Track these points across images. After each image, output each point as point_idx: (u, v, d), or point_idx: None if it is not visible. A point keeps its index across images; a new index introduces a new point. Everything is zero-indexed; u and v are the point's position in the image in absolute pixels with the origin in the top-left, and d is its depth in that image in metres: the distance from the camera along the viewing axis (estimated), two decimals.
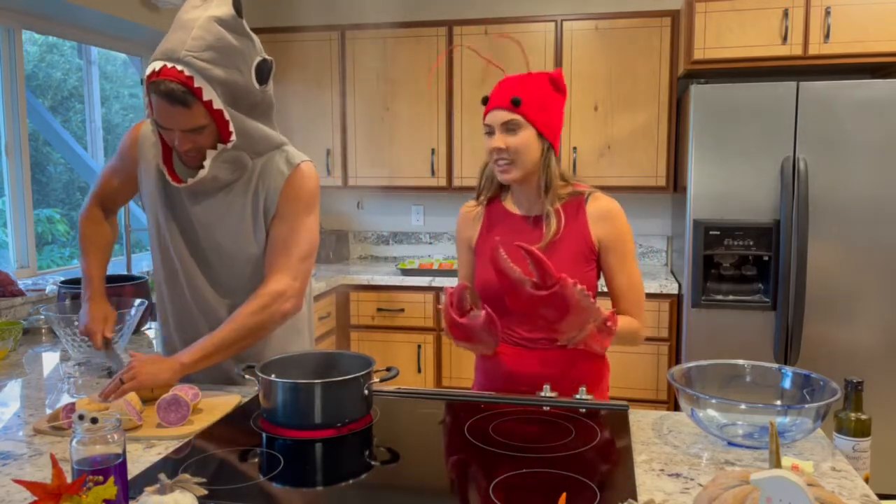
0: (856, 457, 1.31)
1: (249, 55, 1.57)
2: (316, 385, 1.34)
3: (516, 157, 1.60)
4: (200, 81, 1.47)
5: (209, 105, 1.50)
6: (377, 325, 3.65)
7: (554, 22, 3.59)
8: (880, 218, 2.92)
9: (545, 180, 1.63)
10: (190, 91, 1.47)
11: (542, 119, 1.60)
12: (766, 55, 3.13)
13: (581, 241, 1.64)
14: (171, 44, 1.48)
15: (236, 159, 1.62)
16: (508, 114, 1.59)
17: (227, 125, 1.54)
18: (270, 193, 1.67)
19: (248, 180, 1.68)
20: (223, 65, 1.50)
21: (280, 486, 1.14)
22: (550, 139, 1.62)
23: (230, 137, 1.56)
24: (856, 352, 2.98)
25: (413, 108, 3.79)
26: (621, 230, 1.66)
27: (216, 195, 1.67)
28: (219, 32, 1.50)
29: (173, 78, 1.45)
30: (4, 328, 2.08)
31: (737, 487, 0.88)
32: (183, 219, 1.71)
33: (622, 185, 3.57)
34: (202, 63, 1.47)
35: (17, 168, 2.93)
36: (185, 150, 1.56)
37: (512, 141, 1.59)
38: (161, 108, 1.49)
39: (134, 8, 3.18)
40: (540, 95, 1.61)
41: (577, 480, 1.14)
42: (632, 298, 1.66)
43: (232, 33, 1.53)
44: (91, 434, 0.97)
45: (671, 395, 3.31)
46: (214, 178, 1.62)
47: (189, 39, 1.47)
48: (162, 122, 1.53)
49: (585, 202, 1.66)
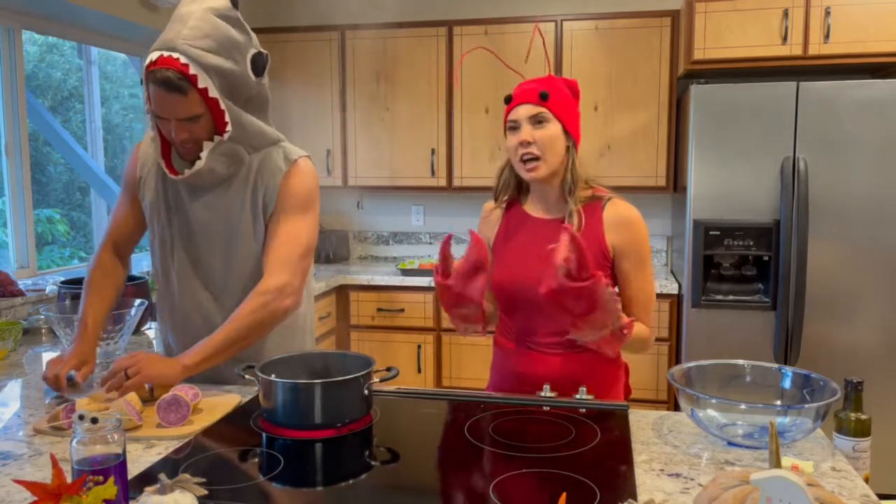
0: (856, 457, 1.31)
1: (245, 47, 1.59)
2: (316, 385, 1.34)
3: (543, 152, 1.57)
4: (196, 69, 1.49)
5: (205, 93, 1.51)
6: (377, 325, 3.65)
7: (554, 22, 3.59)
8: (880, 218, 2.92)
9: (571, 179, 1.61)
10: (186, 78, 1.49)
11: (568, 115, 1.60)
12: (766, 55, 3.13)
13: (595, 246, 1.60)
14: (168, 35, 1.51)
15: (233, 153, 1.63)
16: (536, 107, 1.58)
17: (222, 115, 1.56)
18: (269, 190, 1.67)
19: (245, 176, 1.68)
20: (219, 54, 1.53)
21: (280, 486, 1.14)
22: (574, 136, 1.62)
23: (226, 128, 1.57)
24: (856, 352, 2.98)
25: (413, 108, 3.79)
26: (639, 238, 1.63)
27: (214, 191, 1.68)
28: (215, 23, 1.53)
29: (170, 66, 1.48)
30: (4, 328, 2.08)
31: (737, 487, 0.88)
32: (181, 221, 1.71)
33: (622, 185, 3.57)
34: (198, 51, 1.50)
35: (17, 168, 2.93)
36: (182, 140, 1.56)
37: (539, 134, 1.57)
38: (158, 97, 1.51)
39: (133, 8, 3.18)
40: (563, 95, 1.61)
41: (577, 480, 1.14)
42: (643, 306, 1.64)
43: (228, 24, 1.55)
44: (91, 434, 0.97)
45: (671, 395, 3.31)
46: (211, 171, 1.62)
47: (185, 29, 1.50)
48: (159, 111, 1.54)
49: (603, 208, 1.64)
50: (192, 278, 1.73)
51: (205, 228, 1.69)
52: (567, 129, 1.60)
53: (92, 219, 3.65)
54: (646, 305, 1.65)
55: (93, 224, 3.65)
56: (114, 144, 3.95)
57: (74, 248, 3.91)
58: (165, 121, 1.55)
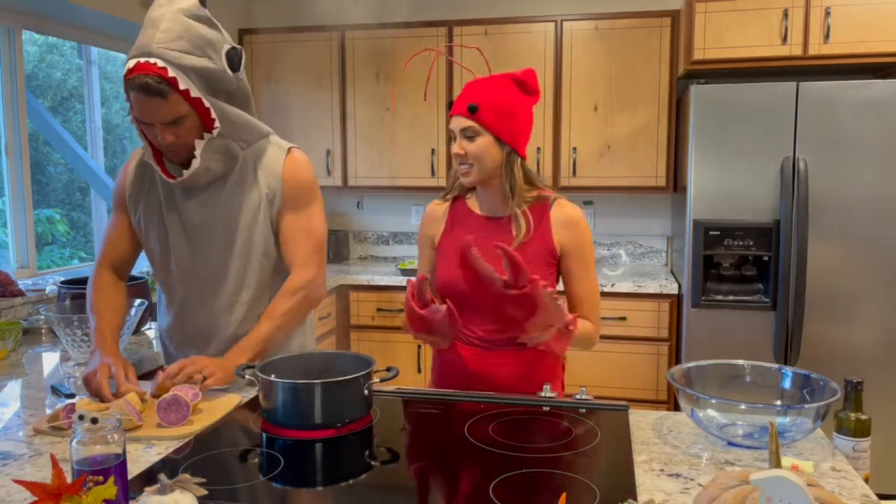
0: (856, 457, 1.31)
1: (219, 44, 1.60)
2: (316, 385, 1.34)
3: (475, 163, 1.62)
4: (175, 71, 1.50)
5: (186, 94, 1.52)
6: (377, 325, 3.65)
7: (554, 22, 3.59)
8: (881, 218, 2.92)
9: (509, 185, 1.65)
10: (165, 81, 1.49)
11: (500, 125, 1.61)
12: (766, 55, 3.13)
13: (544, 245, 1.67)
14: (142, 40, 1.52)
15: (226, 149, 1.64)
16: (466, 120, 1.61)
17: (208, 113, 1.57)
18: (272, 183, 1.69)
19: (241, 172, 1.69)
20: (195, 53, 1.53)
21: (280, 486, 1.14)
22: (512, 144, 1.63)
23: (214, 125, 1.59)
24: (856, 352, 2.97)
25: (413, 108, 3.79)
26: (584, 237, 1.69)
27: (208, 189, 1.69)
28: (186, 23, 1.54)
29: (148, 71, 1.48)
30: (4, 328, 2.08)
31: (737, 487, 0.88)
32: (179, 223, 1.71)
33: (622, 185, 3.57)
34: (174, 53, 1.50)
35: (17, 168, 2.93)
36: (169, 144, 1.57)
37: (470, 147, 1.62)
38: (140, 103, 1.52)
39: (134, 8, 3.18)
40: (501, 101, 1.61)
41: (577, 480, 1.14)
42: (590, 304, 1.70)
43: (199, 23, 1.56)
44: (91, 434, 0.97)
45: (671, 395, 3.31)
46: (207, 170, 1.63)
47: (158, 33, 1.50)
48: (143, 116, 1.54)
49: (550, 207, 1.69)
50: (193, 278, 1.73)
51: (203, 227, 1.70)
52: (501, 139, 1.62)
53: (92, 219, 3.65)
54: (592, 302, 1.70)
55: (93, 224, 3.65)
56: (114, 144, 3.95)
57: (74, 248, 3.91)
58: (150, 126, 1.56)
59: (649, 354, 3.32)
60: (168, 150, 1.60)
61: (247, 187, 1.69)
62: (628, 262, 3.98)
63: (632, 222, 3.96)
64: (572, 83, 3.59)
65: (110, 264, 1.81)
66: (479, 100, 1.60)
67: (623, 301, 3.32)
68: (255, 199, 1.69)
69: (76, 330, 1.94)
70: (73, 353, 1.99)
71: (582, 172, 3.60)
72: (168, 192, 1.71)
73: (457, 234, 1.71)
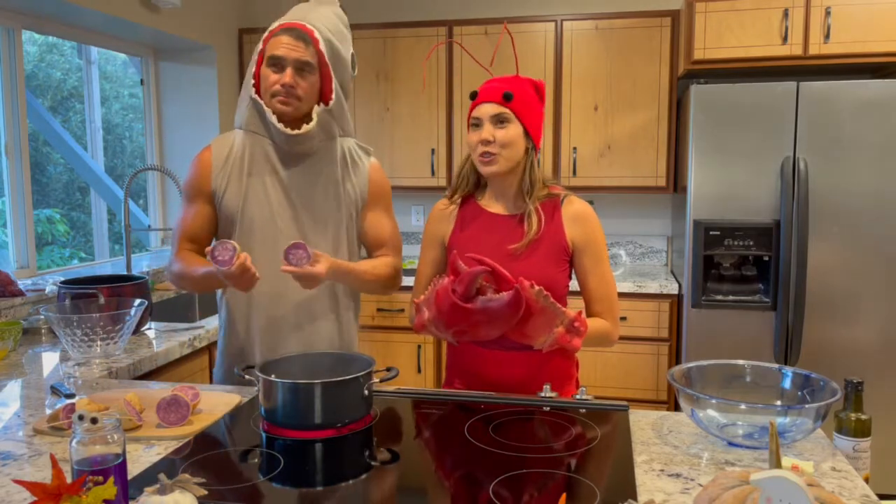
0: (856, 457, 1.31)
1: (349, 44, 1.81)
2: (316, 385, 1.34)
3: (502, 151, 1.62)
4: (320, 36, 1.71)
5: (322, 56, 1.71)
6: (377, 325, 3.65)
7: (554, 22, 3.59)
8: (881, 218, 2.92)
9: (529, 180, 1.66)
10: (311, 38, 1.70)
11: (530, 118, 1.64)
12: (766, 55, 3.13)
13: (556, 242, 1.66)
14: (296, 14, 1.74)
15: (328, 125, 1.79)
16: (499, 107, 1.62)
17: (330, 83, 1.75)
18: (358, 182, 1.84)
19: (332, 158, 1.81)
20: (337, 38, 1.75)
21: (280, 486, 1.14)
22: (535, 139, 1.66)
23: (331, 97, 1.76)
24: (856, 352, 2.97)
25: (413, 108, 3.79)
26: (595, 232, 1.69)
27: (306, 161, 1.80)
28: (335, 16, 1.79)
29: (300, 28, 1.70)
30: (4, 328, 2.08)
31: (737, 487, 0.88)
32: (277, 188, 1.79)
33: (622, 185, 3.57)
34: (324, 28, 1.73)
35: (17, 168, 2.93)
36: (287, 85, 1.68)
37: (500, 134, 1.62)
38: (282, 42, 1.69)
39: (134, 8, 3.18)
40: (528, 97, 1.65)
41: (577, 480, 1.14)
42: (605, 300, 1.69)
43: (342, 25, 1.80)
44: (91, 434, 0.97)
45: (671, 395, 3.32)
46: (311, 138, 1.76)
47: (312, 13, 1.74)
48: (280, 52, 1.69)
49: (561, 204, 1.69)
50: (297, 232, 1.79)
51: (304, 188, 1.79)
52: (528, 131, 1.64)
53: (92, 219, 3.65)
54: (607, 300, 1.69)
55: (93, 224, 3.65)
56: (114, 144, 3.95)
57: (74, 248, 3.91)
58: (277, 68, 1.70)
59: (649, 354, 3.33)
60: (284, 93, 1.70)
61: (334, 175, 1.80)
62: (628, 262, 3.98)
63: (632, 222, 3.97)
64: (572, 83, 3.59)
65: (187, 240, 1.82)
66: (513, 90, 1.62)
67: (623, 301, 3.32)
68: (343, 189, 1.81)
69: (76, 330, 1.94)
70: (73, 353, 1.99)
71: (582, 172, 3.60)
72: (263, 161, 1.78)
73: (470, 234, 1.71)
